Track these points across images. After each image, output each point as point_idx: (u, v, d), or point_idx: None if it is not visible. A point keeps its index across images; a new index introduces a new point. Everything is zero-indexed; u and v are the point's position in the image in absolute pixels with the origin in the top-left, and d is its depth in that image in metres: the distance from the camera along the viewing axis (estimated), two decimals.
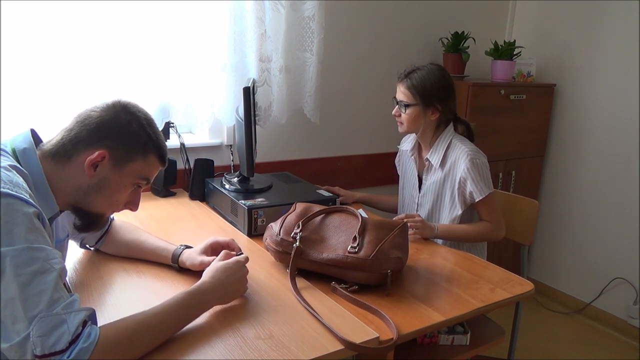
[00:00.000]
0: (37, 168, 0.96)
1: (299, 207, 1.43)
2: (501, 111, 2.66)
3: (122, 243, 1.37)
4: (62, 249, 1.18)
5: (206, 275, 1.11)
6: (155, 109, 1.88)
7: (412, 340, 1.33)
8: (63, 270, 0.86)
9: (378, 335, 1.05)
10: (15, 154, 0.96)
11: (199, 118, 2.01)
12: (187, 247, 1.32)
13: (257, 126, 1.97)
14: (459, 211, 1.77)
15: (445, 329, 1.38)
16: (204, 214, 1.80)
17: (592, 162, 2.80)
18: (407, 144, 1.99)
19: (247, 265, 1.18)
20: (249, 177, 1.78)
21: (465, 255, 1.57)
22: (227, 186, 1.80)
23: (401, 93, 1.78)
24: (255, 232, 1.61)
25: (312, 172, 2.39)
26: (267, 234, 1.40)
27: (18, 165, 0.93)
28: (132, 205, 1.11)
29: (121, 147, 1.02)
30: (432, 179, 1.84)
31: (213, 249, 1.29)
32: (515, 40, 2.79)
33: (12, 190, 0.83)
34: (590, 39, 2.74)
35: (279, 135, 2.31)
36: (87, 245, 1.39)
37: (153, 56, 1.83)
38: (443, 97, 1.76)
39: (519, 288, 1.34)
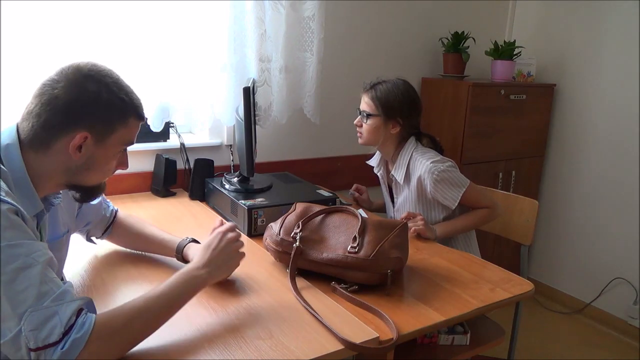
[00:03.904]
0: (18, 165, 0.93)
1: (299, 207, 1.43)
2: (501, 111, 2.66)
3: (127, 235, 1.37)
4: (62, 245, 1.16)
5: (194, 255, 1.11)
6: (155, 109, 1.88)
7: (412, 340, 1.33)
8: (51, 261, 0.85)
9: (378, 335, 1.05)
10: None
11: (199, 118, 2.01)
12: (195, 240, 1.29)
13: (257, 126, 1.97)
14: (440, 216, 1.78)
15: (445, 329, 1.38)
16: (204, 214, 1.80)
17: (592, 162, 2.80)
18: (374, 159, 2.00)
19: (246, 264, 1.18)
20: (249, 177, 1.78)
21: (465, 255, 1.57)
22: (227, 186, 1.80)
23: (364, 103, 1.78)
24: (255, 232, 1.61)
25: (312, 172, 2.39)
26: (267, 234, 1.40)
27: None
28: (122, 165, 1.09)
29: (99, 123, 0.97)
30: (402, 196, 1.84)
31: None
32: (515, 40, 2.79)
33: None
34: (590, 39, 2.74)
35: (279, 135, 2.31)
36: (93, 238, 1.38)
37: (153, 56, 1.83)
38: (405, 112, 1.76)
39: (519, 288, 1.34)
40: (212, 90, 1.99)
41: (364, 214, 1.38)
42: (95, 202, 1.27)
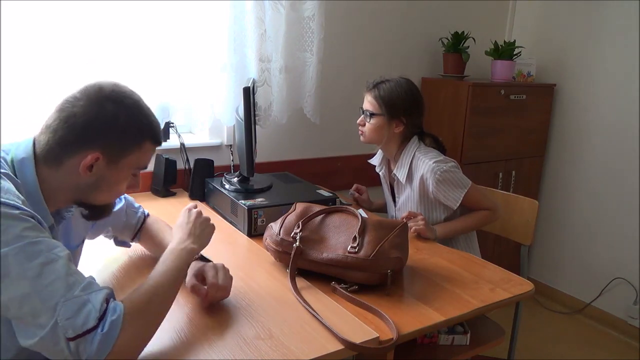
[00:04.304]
0: (31, 179, 0.94)
1: (299, 207, 1.43)
2: (501, 111, 2.66)
3: (150, 243, 1.37)
4: (75, 256, 1.17)
5: (173, 236, 1.13)
6: (155, 109, 1.87)
7: (412, 340, 1.33)
8: (71, 257, 0.87)
9: (378, 335, 1.05)
10: (13, 163, 0.95)
11: (199, 118, 2.01)
12: (201, 258, 1.22)
13: (257, 126, 1.97)
14: (442, 216, 1.78)
15: (445, 329, 1.38)
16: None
17: (592, 162, 2.80)
18: (376, 158, 1.99)
19: (246, 264, 1.19)
20: (249, 177, 1.78)
21: (465, 255, 1.57)
22: (227, 186, 1.80)
23: (368, 102, 1.78)
24: (255, 232, 1.61)
25: (312, 172, 2.38)
26: (267, 234, 1.40)
27: (10, 173, 0.92)
28: (134, 188, 1.10)
29: (114, 145, 0.97)
30: (404, 195, 1.84)
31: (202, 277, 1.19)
32: (515, 40, 2.79)
33: (3, 197, 0.83)
34: (590, 39, 2.74)
35: (279, 135, 2.31)
36: (121, 241, 1.38)
37: (153, 56, 1.83)
38: (409, 111, 1.75)
39: (519, 288, 1.34)
40: (212, 90, 1.99)
41: (364, 214, 1.38)
42: (114, 209, 1.26)
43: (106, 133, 0.96)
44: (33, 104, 1.71)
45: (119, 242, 1.38)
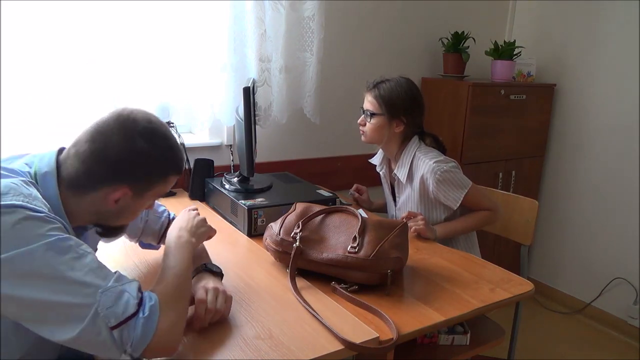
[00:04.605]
0: (53, 193, 0.95)
1: (299, 207, 1.43)
2: (501, 111, 2.66)
3: None
4: None
5: (170, 233, 1.13)
6: (155, 109, 1.88)
7: (412, 340, 1.33)
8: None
9: (378, 335, 1.05)
10: (36, 176, 0.96)
11: (199, 118, 2.01)
12: (207, 270, 1.18)
13: (257, 126, 1.97)
14: (442, 216, 1.78)
15: (445, 329, 1.38)
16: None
17: (592, 162, 2.80)
18: (376, 158, 1.99)
19: (246, 264, 1.20)
20: (249, 177, 1.78)
21: (465, 255, 1.57)
22: (227, 186, 1.80)
23: (368, 102, 1.77)
24: (255, 232, 1.61)
25: (312, 172, 2.38)
26: (267, 234, 1.40)
27: (36, 184, 0.94)
28: (150, 207, 1.14)
29: (142, 180, 1.01)
30: (405, 195, 1.83)
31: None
32: (515, 40, 2.79)
33: (30, 204, 0.85)
34: (590, 39, 2.74)
35: (279, 135, 2.31)
36: (147, 244, 1.37)
37: (153, 56, 1.83)
38: (409, 110, 1.75)
39: (519, 288, 1.34)
40: (212, 90, 1.99)
41: (364, 214, 1.38)
42: None
43: (136, 170, 0.98)
44: (33, 103, 1.71)
45: (145, 245, 1.38)
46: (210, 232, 1.25)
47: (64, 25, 1.68)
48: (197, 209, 1.25)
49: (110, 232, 1.09)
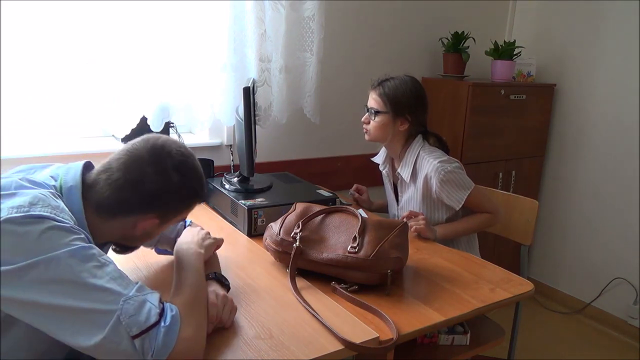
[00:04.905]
0: (77, 207, 0.96)
1: (299, 207, 1.43)
2: (501, 111, 2.66)
3: None
4: None
5: (179, 247, 1.16)
6: (155, 109, 1.88)
7: (412, 340, 1.33)
8: None
9: (378, 335, 1.05)
10: (61, 190, 0.97)
11: (199, 118, 2.01)
12: (217, 279, 1.18)
13: (257, 126, 1.97)
14: (444, 217, 1.78)
15: (445, 329, 1.38)
16: (204, 214, 1.80)
17: (592, 161, 2.80)
18: (379, 157, 1.98)
19: (246, 264, 1.23)
20: (249, 177, 1.78)
21: (465, 255, 1.57)
22: (227, 186, 1.80)
23: (372, 100, 1.77)
24: (255, 232, 1.61)
25: (312, 172, 2.38)
26: (267, 234, 1.40)
27: (62, 198, 0.95)
28: None
29: (171, 211, 1.05)
30: (407, 194, 1.83)
31: None
32: (515, 40, 2.79)
33: (58, 216, 0.86)
34: (590, 39, 2.74)
35: (279, 135, 2.31)
36: (163, 250, 1.37)
37: (153, 56, 1.83)
38: (413, 108, 1.75)
39: (519, 288, 1.34)
40: (212, 90, 1.99)
41: (364, 214, 1.38)
42: None
43: (168, 202, 1.02)
44: (33, 103, 1.71)
45: (160, 251, 1.37)
46: (217, 242, 1.29)
47: (64, 25, 1.68)
48: (199, 226, 1.32)
49: (127, 250, 1.12)
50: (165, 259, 1.36)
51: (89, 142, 1.95)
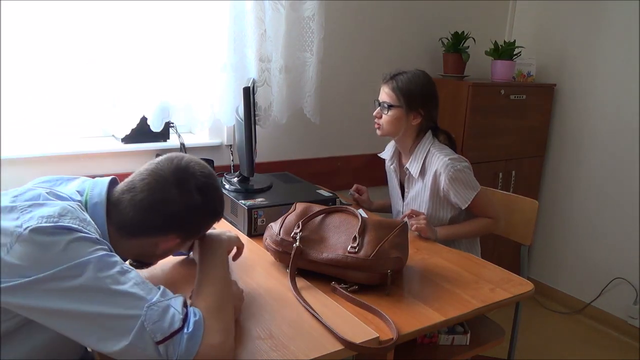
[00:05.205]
0: (101, 222, 0.97)
1: (299, 207, 1.43)
2: (501, 111, 2.66)
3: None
4: None
5: (202, 249, 1.14)
6: (155, 109, 1.88)
7: (412, 340, 1.33)
8: None
9: (378, 335, 1.05)
10: (86, 205, 0.98)
11: (199, 118, 2.01)
12: None
13: (257, 126, 1.97)
14: (448, 215, 1.78)
15: (445, 329, 1.38)
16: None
17: (592, 161, 2.80)
18: (387, 152, 1.97)
19: (246, 264, 1.24)
20: (249, 177, 1.78)
21: (465, 255, 1.57)
22: (227, 186, 1.80)
23: (385, 94, 1.76)
24: (255, 232, 1.61)
25: (312, 172, 2.38)
26: (267, 234, 1.40)
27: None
28: None
29: (192, 231, 1.07)
30: (414, 190, 1.82)
31: None
32: (515, 40, 2.79)
33: (85, 229, 0.87)
34: (590, 39, 2.74)
35: (279, 135, 2.31)
36: (178, 252, 1.37)
37: (153, 56, 1.83)
38: (426, 103, 1.75)
39: (519, 288, 1.34)
40: (212, 90, 1.99)
41: (364, 214, 1.38)
42: None
43: (190, 223, 1.04)
44: (33, 103, 1.71)
45: (177, 253, 1.37)
46: (239, 244, 1.28)
47: (64, 26, 1.68)
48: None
49: (144, 265, 1.14)
50: (179, 258, 1.37)
51: (89, 142, 1.95)
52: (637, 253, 2.63)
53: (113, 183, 1.04)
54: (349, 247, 1.27)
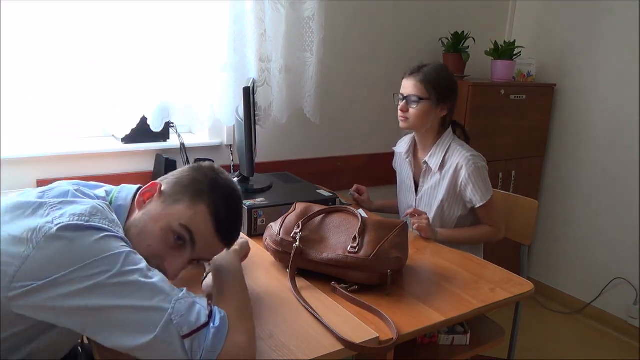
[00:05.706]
0: (122, 224, 0.98)
1: (299, 207, 1.43)
2: (501, 111, 2.66)
3: None
4: None
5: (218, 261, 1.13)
6: (155, 109, 1.88)
7: (412, 340, 1.32)
8: None
9: (378, 335, 1.05)
10: (110, 205, 1.00)
11: (199, 118, 2.01)
12: None
13: (257, 126, 1.97)
14: (457, 214, 1.77)
15: (445, 329, 1.38)
16: None
17: (592, 161, 2.80)
18: (402, 146, 1.96)
19: (246, 264, 1.21)
20: (249, 177, 1.78)
21: (465, 255, 1.57)
22: None
23: (412, 87, 1.72)
24: (255, 232, 1.61)
25: (312, 172, 2.38)
26: (267, 234, 1.40)
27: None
28: None
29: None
30: (430, 183, 1.82)
31: None
32: (515, 40, 2.79)
33: (113, 229, 0.89)
34: (590, 39, 2.74)
35: (279, 135, 2.31)
36: None
37: (153, 56, 1.83)
38: (452, 96, 1.75)
39: (519, 288, 1.34)
40: (212, 90, 1.99)
41: (364, 214, 1.38)
42: None
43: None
44: (33, 103, 1.71)
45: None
46: (248, 249, 1.29)
47: (64, 26, 1.69)
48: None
49: None
50: None
51: (89, 142, 1.95)
52: (637, 253, 2.63)
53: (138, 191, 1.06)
54: (349, 247, 1.27)
